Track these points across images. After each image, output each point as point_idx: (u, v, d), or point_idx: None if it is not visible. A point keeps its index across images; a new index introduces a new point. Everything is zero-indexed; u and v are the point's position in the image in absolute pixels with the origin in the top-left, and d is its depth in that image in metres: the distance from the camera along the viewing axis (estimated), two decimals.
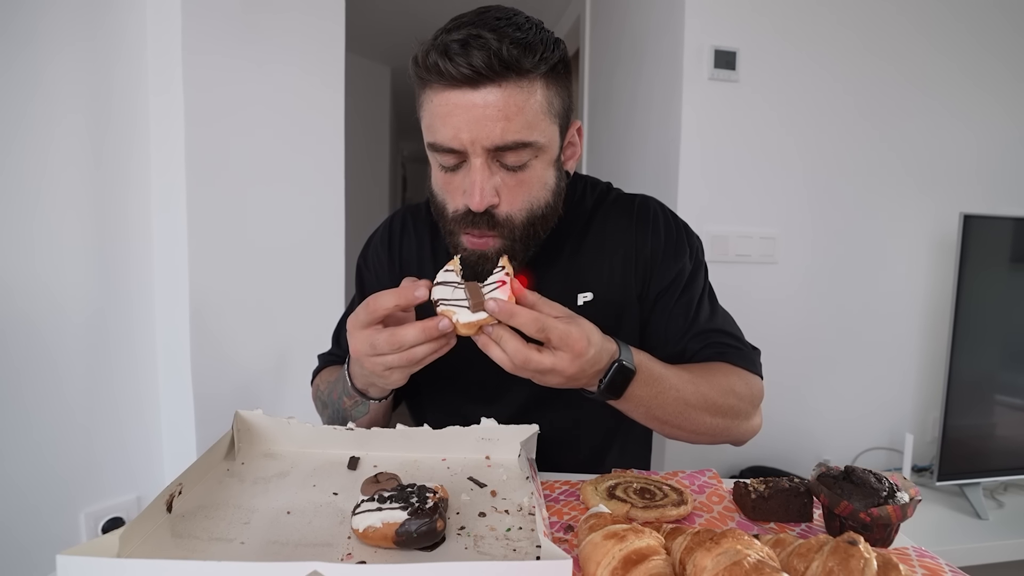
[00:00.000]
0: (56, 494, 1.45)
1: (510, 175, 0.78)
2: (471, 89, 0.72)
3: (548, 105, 0.77)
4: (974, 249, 1.68)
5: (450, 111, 0.74)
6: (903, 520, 0.63)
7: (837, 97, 1.88)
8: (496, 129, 0.73)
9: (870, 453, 1.97)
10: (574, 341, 0.68)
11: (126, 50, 1.50)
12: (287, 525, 0.63)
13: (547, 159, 0.80)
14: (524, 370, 0.69)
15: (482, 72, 0.71)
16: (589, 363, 0.70)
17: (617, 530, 0.55)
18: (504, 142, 0.74)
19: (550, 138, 0.79)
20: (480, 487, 0.73)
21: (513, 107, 0.73)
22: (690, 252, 0.97)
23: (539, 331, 0.67)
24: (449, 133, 0.75)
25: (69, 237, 1.43)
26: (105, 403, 1.52)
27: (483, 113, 0.73)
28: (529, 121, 0.75)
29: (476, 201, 0.76)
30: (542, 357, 0.68)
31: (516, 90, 0.73)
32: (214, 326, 1.58)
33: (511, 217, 0.79)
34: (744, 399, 0.88)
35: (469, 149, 0.75)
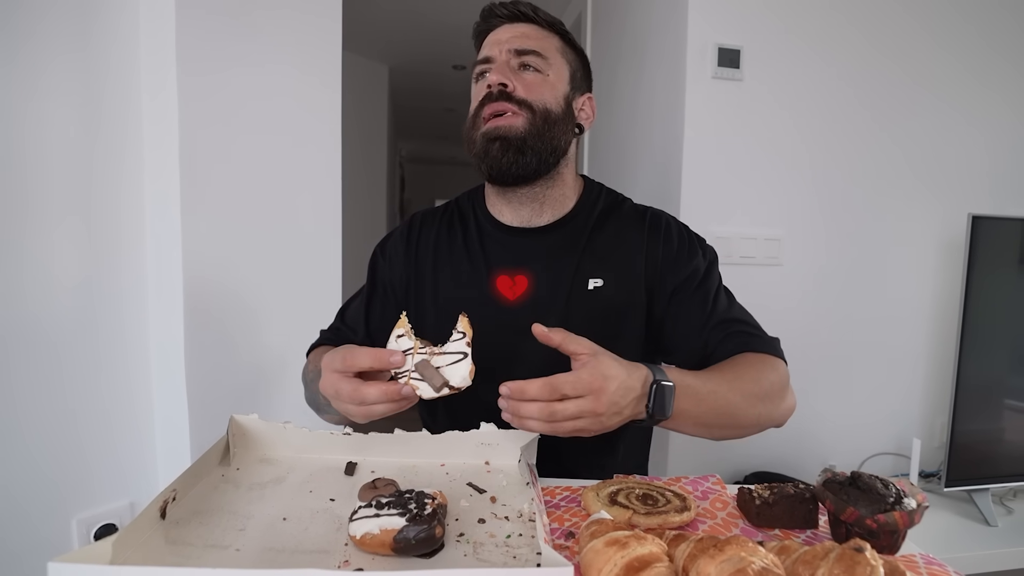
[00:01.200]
0: (47, 500, 1.45)
1: (525, 73, 1.01)
2: (510, 23, 1.03)
3: (562, 50, 1.04)
4: (982, 251, 1.67)
5: (494, 37, 1.04)
6: (910, 527, 0.63)
7: (843, 96, 1.88)
8: (519, 40, 1.01)
9: (876, 458, 1.97)
10: (588, 383, 0.71)
11: (119, 48, 1.50)
12: (283, 532, 0.63)
13: (557, 80, 1.02)
14: (558, 425, 0.71)
15: (521, 11, 1.03)
16: (619, 395, 0.72)
17: (619, 537, 0.55)
18: (524, 47, 1.01)
19: (559, 67, 1.03)
20: (479, 493, 0.73)
21: (534, 34, 1.02)
22: (703, 253, 1.06)
23: (553, 392, 0.70)
24: (489, 49, 1.03)
25: (63, 239, 1.43)
26: (98, 407, 1.52)
27: (515, 32, 1.02)
28: (543, 45, 1.02)
29: (493, 77, 0.99)
30: (565, 405, 0.70)
31: (538, 28, 1.03)
32: (209, 328, 1.58)
33: (527, 101, 0.98)
34: (775, 384, 0.94)
35: (498, 54, 1.01)
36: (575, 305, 1.00)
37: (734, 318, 1.01)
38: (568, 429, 0.72)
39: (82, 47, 1.44)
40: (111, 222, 1.51)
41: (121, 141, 1.52)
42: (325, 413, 0.96)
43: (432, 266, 1.08)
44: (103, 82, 1.48)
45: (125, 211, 1.54)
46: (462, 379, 0.73)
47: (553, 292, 1.01)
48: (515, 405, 0.70)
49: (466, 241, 1.07)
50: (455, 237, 1.09)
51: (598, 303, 1.00)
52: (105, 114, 1.49)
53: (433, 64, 4.37)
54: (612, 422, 0.74)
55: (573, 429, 0.72)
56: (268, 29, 1.62)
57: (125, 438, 1.57)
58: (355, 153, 3.66)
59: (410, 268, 1.10)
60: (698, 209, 1.81)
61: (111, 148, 1.50)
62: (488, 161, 0.99)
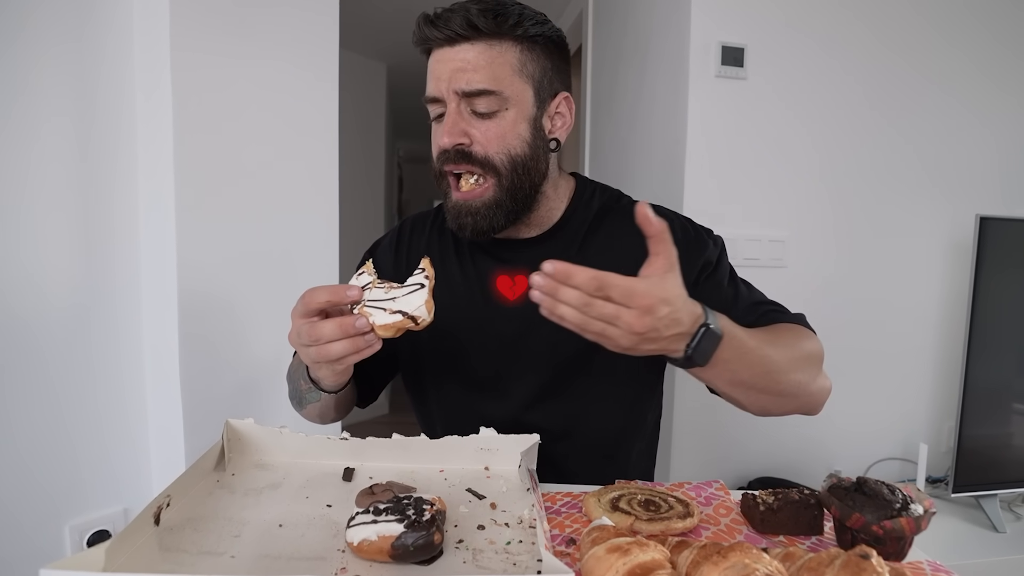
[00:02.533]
0: (39, 506, 1.45)
1: (481, 121, 0.90)
2: (450, 47, 0.89)
3: (520, 67, 0.91)
4: (991, 252, 1.68)
5: (434, 66, 0.91)
6: (917, 533, 0.63)
7: (849, 95, 1.89)
8: (464, 78, 0.88)
9: (883, 464, 1.97)
10: (640, 297, 0.65)
11: (112, 46, 1.50)
12: (279, 538, 0.63)
13: (519, 113, 0.91)
14: (589, 321, 0.66)
15: (458, 32, 0.87)
16: (664, 323, 0.67)
17: (621, 543, 0.55)
18: (471, 88, 0.88)
19: (520, 95, 0.91)
20: (479, 499, 0.73)
21: (483, 61, 0.88)
22: (713, 242, 1.02)
23: (599, 289, 0.65)
24: (432, 85, 0.91)
25: (54, 239, 1.43)
26: (91, 412, 1.52)
27: (457, 65, 0.88)
28: (496, 75, 0.88)
29: (444, 139, 0.89)
30: (604, 305, 0.65)
31: (486, 48, 0.88)
32: (204, 331, 1.58)
33: (490, 158, 0.90)
34: (814, 353, 0.89)
35: (445, 95, 0.89)
36: None
37: (759, 300, 0.99)
38: (596, 330, 0.67)
39: (75, 44, 1.44)
40: (104, 224, 1.51)
41: (115, 139, 1.52)
42: (305, 403, 0.94)
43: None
44: (97, 78, 1.48)
45: (118, 213, 1.54)
46: (416, 307, 0.71)
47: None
48: (553, 285, 0.65)
49: (457, 245, 1.04)
50: (447, 242, 1.06)
51: None
52: (98, 111, 1.49)
53: None
54: (644, 347, 0.69)
55: (600, 332, 0.67)
56: (264, 26, 1.63)
57: (118, 443, 1.57)
58: (353, 153, 3.66)
59: (400, 271, 1.08)
60: (701, 210, 1.81)
61: (104, 146, 1.50)
62: (465, 234, 0.94)
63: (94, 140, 1.48)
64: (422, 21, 0.90)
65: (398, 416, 4.64)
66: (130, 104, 1.54)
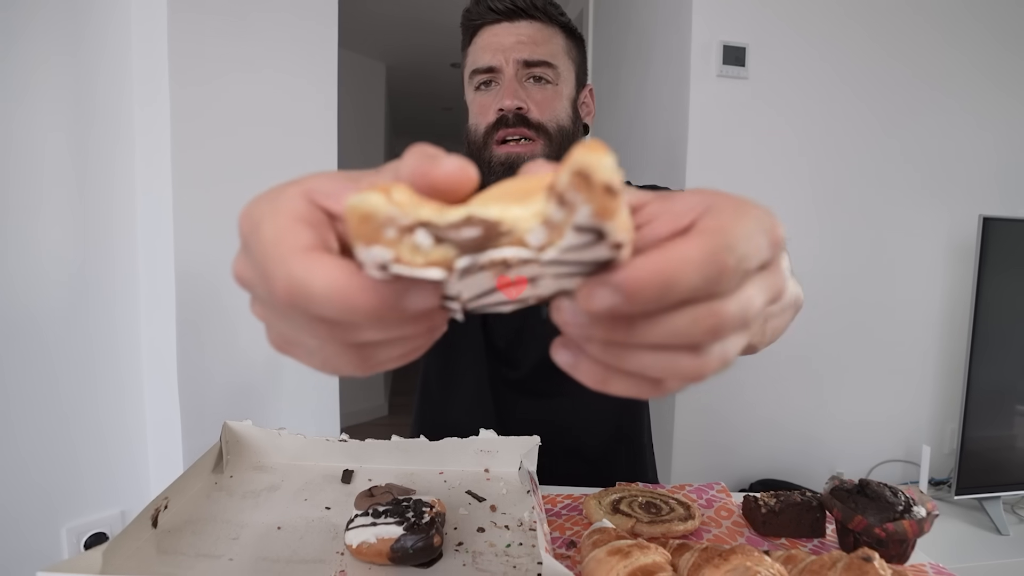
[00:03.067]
0: (36, 508, 1.44)
1: (537, 89, 0.96)
2: (509, 22, 0.96)
3: (567, 49, 0.99)
4: (994, 253, 1.68)
5: (491, 39, 0.96)
6: (920, 536, 0.63)
7: (851, 95, 1.89)
8: (526, 49, 0.95)
9: (885, 466, 1.97)
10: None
11: (110, 47, 1.50)
12: (277, 541, 0.63)
13: (566, 90, 0.99)
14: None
15: (519, 7, 0.94)
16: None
17: (622, 546, 0.55)
18: (533, 58, 0.95)
19: (567, 73, 0.99)
20: (479, 501, 0.73)
21: (541, 37, 0.96)
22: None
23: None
24: (488, 55, 0.96)
25: (51, 240, 1.43)
26: (88, 413, 1.51)
27: (517, 39, 0.95)
28: (552, 51, 0.97)
29: (507, 101, 0.93)
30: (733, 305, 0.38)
31: (543, 27, 0.96)
32: (202, 333, 1.58)
33: (543, 124, 0.96)
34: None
35: (503, 64, 0.95)
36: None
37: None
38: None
39: (73, 50, 1.44)
40: (101, 224, 1.51)
41: (112, 140, 1.52)
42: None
43: None
44: (94, 80, 1.48)
45: (116, 213, 1.54)
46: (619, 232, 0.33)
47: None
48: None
49: None
50: None
51: None
52: (95, 113, 1.49)
53: (431, 62, 4.38)
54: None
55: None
56: (262, 26, 1.62)
57: (116, 445, 1.57)
58: (352, 153, 3.66)
59: None
60: None
61: (101, 148, 1.50)
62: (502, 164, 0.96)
63: (92, 140, 1.48)
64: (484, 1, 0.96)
65: (397, 418, 4.65)
66: (128, 103, 1.54)
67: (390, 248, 0.25)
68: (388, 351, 0.31)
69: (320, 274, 0.26)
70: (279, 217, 0.29)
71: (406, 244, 0.26)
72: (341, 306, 0.26)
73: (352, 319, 0.27)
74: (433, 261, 0.26)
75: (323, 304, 0.26)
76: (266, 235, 0.28)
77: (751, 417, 1.89)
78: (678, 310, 0.28)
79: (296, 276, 0.26)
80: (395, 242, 0.25)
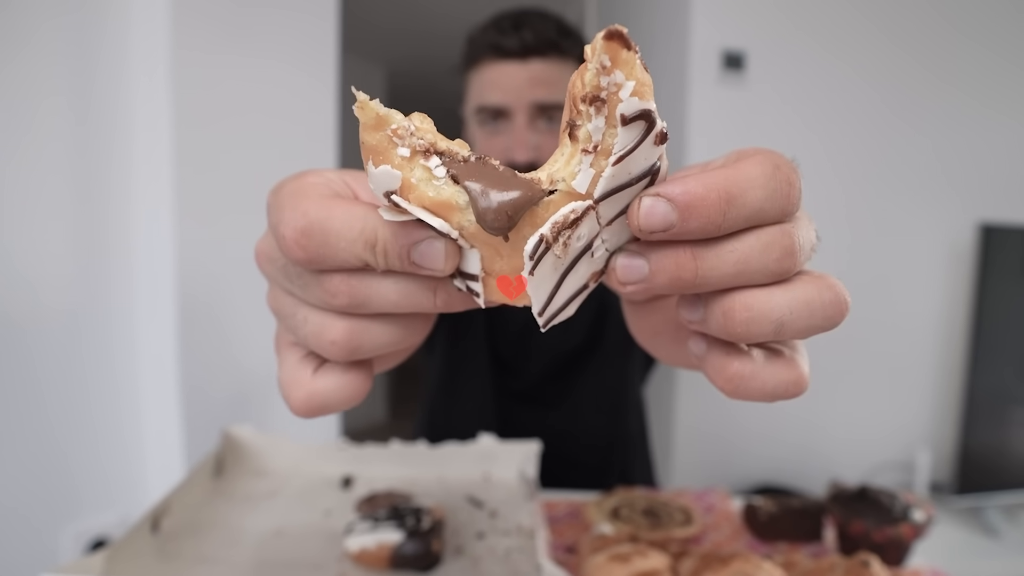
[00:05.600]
0: (36, 512, 1.44)
1: (549, 131, 0.89)
2: (519, 62, 0.88)
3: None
4: (992, 257, 1.68)
5: (500, 77, 0.89)
6: (918, 539, 0.63)
7: (852, 102, 1.89)
8: (541, 91, 0.87)
9: (884, 470, 1.97)
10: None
11: (108, 47, 1.50)
12: (277, 546, 0.63)
13: None
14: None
15: (531, 46, 0.87)
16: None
17: (622, 551, 0.55)
18: (548, 101, 0.87)
19: None
20: (478, 507, 0.73)
21: (555, 77, 0.88)
22: None
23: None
24: (498, 95, 0.89)
25: (48, 242, 1.43)
26: (88, 417, 1.51)
27: (529, 80, 0.88)
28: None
29: (520, 154, 0.87)
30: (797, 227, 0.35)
31: (558, 64, 0.89)
32: (204, 333, 1.58)
33: None
34: None
35: (515, 106, 0.88)
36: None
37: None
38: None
39: (74, 53, 1.44)
40: (100, 226, 1.51)
41: (111, 139, 1.52)
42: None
43: None
44: (94, 79, 1.48)
45: (115, 216, 1.53)
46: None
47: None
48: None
49: None
50: None
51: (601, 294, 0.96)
52: (95, 112, 1.49)
53: (433, 67, 4.38)
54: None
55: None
56: (263, 30, 1.63)
57: (116, 449, 1.57)
58: (353, 158, 3.66)
59: None
60: None
61: (100, 147, 1.50)
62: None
63: (90, 140, 1.48)
64: (490, 32, 0.89)
65: (397, 424, 4.64)
66: (128, 109, 1.54)
67: (399, 171, 0.24)
68: (382, 329, 0.30)
69: (339, 210, 0.26)
70: (303, 179, 0.30)
71: (418, 171, 0.24)
72: (354, 234, 0.26)
73: (363, 254, 0.26)
74: (443, 202, 0.24)
75: (340, 233, 0.26)
76: (287, 189, 0.29)
77: (750, 423, 1.89)
78: (746, 233, 0.26)
79: (312, 213, 0.26)
80: (406, 165, 0.24)
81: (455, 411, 1.06)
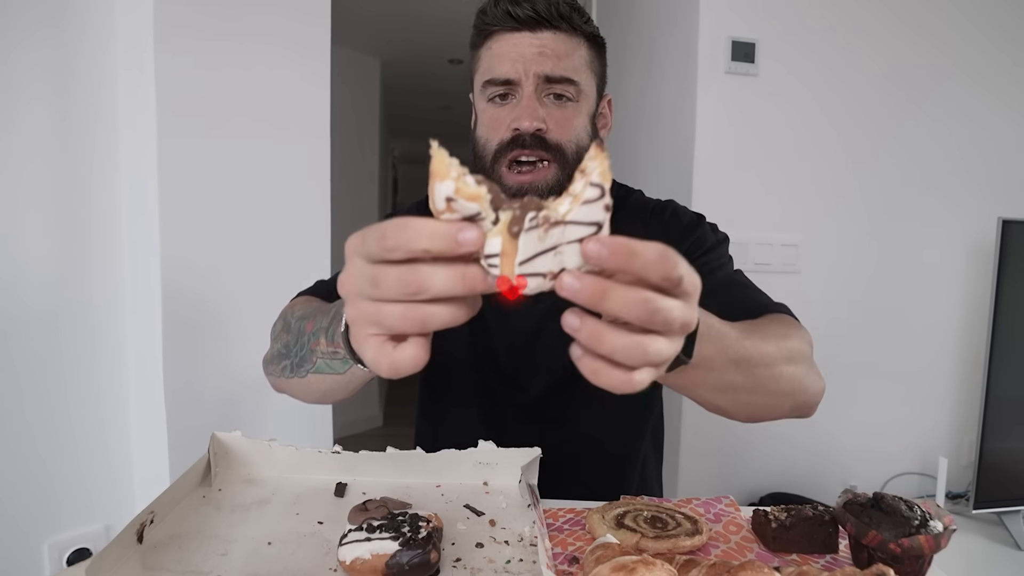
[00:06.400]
0: (16, 523, 1.44)
1: (557, 108, 0.92)
2: (530, 32, 0.91)
3: (590, 61, 0.96)
4: (1013, 256, 1.67)
5: (510, 49, 0.92)
6: (937, 551, 0.63)
7: (864, 92, 1.89)
8: (548, 63, 0.90)
9: (901, 479, 1.97)
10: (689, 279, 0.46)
11: (91, 37, 1.50)
12: (268, 557, 0.63)
13: (586, 107, 0.96)
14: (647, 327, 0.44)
15: (542, 16, 0.90)
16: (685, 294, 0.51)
17: (626, 562, 0.54)
18: (555, 73, 0.91)
19: (588, 88, 0.96)
20: (477, 515, 0.73)
21: (564, 50, 0.92)
22: (712, 230, 1.04)
23: (667, 279, 0.43)
24: (507, 66, 0.91)
25: (32, 243, 1.44)
26: (70, 424, 1.51)
27: (539, 50, 0.90)
28: (575, 65, 0.93)
29: (527, 122, 0.89)
30: (672, 303, 0.43)
31: (566, 38, 0.92)
32: (189, 338, 1.58)
33: (562, 146, 0.92)
34: (805, 343, 0.86)
35: (523, 78, 0.91)
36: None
37: (744, 283, 0.96)
38: (641, 354, 0.44)
39: (54, 44, 1.44)
40: (84, 226, 1.51)
41: (94, 135, 1.52)
42: (314, 371, 0.74)
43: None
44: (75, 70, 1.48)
45: (99, 215, 1.54)
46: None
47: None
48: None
49: None
50: None
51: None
52: (77, 106, 1.49)
53: (428, 58, 4.38)
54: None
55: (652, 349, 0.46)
56: (252, 20, 1.63)
57: (99, 457, 1.57)
58: (345, 153, 3.67)
59: None
60: (710, 213, 1.78)
61: (83, 143, 1.50)
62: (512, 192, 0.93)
63: (73, 135, 1.48)
64: (501, 2, 0.91)
65: (393, 428, 4.64)
66: (112, 103, 1.54)
67: (453, 182, 0.41)
68: (440, 309, 0.43)
69: (417, 220, 0.41)
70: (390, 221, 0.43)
71: (461, 181, 0.41)
72: (431, 233, 0.40)
73: (436, 244, 0.40)
74: (474, 193, 0.41)
75: (420, 233, 0.40)
76: (378, 225, 0.43)
77: (760, 428, 1.89)
78: (632, 288, 0.40)
79: (400, 221, 0.41)
80: (456, 179, 0.41)
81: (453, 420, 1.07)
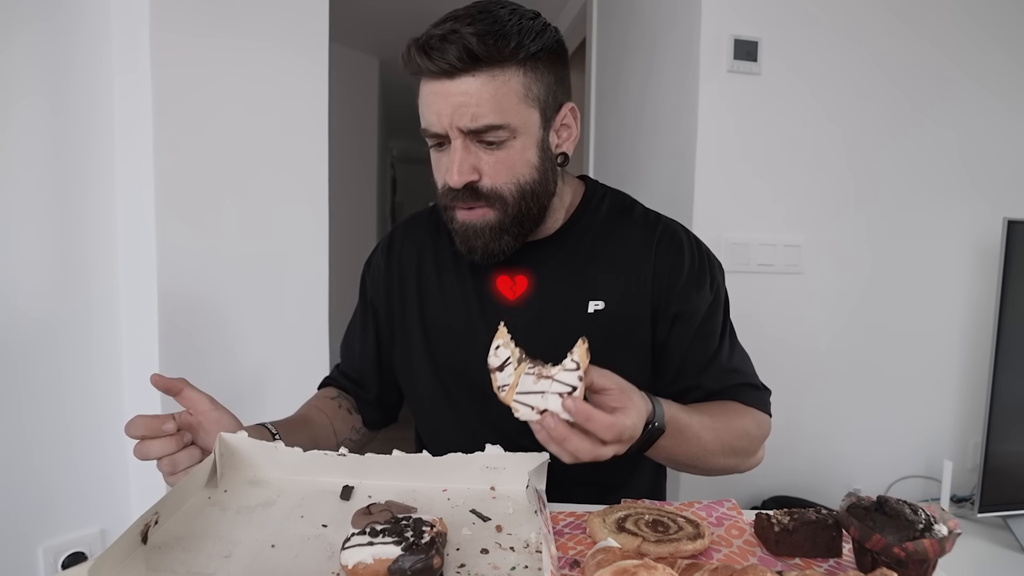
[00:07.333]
0: (10, 527, 1.44)
1: (489, 153, 0.90)
2: (448, 80, 0.86)
3: (525, 91, 0.90)
4: (1019, 258, 1.68)
5: (432, 99, 0.89)
6: (941, 555, 0.64)
7: (868, 91, 1.89)
8: (468, 114, 0.87)
9: (905, 482, 1.98)
10: (618, 431, 0.70)
11: (86, 35, 1.50)
12: (271, 559, 0.64)
13: (527, 140, 0.92)
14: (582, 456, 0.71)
15: (456, 66, 0.85)
16: (627, 437, 0.72)
17: (627, 566, 0.55)
18: (477, 126, 0.87)
19: (527, 121, 0.91)
20: (483, 521, 0.73)
21: (486, 94, 0.86)
22: (711, 283, 1.04)
23: (617, 437, 0.70)
24: (432, 119, 0.90)
25: (25, 241, 1.43)
26: (65, 426, 1.51)
27: (459, 100, 0.86)
28: (502, 107, 0.88)
29: (454, 178, 0.89)
30: (607, 449, 0.71)
31: (489, 79, 0.86)
32: (186, 340, 1.58)
33: (497, 190, 0.92)
34: (755, 439, 1.00)
35: (448, 132, 0.89)
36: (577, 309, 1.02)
37: (734, 368, 1.03)
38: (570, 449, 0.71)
39: (49, 40, 1.44)
40: (80, 228, 1.51)
41: (90, 143, 1.52)
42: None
43: (416, 278, 1.09)
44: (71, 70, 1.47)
45: (95, 216, 1.53)
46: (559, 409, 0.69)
47: (555, 293, 1.02)
48: (561, 430, 0.68)
49: (455, 244, 1.02)
50: (443, 242, 1.08)
51: (600, 326, 0.99)
52: (73, 106, 1.49)
53: None
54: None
55: (573, 453, 0.71)
56: (249, 18, 1.62)
57: (95, 460, 1.57)
58: (344, 153, 3.66)
59: (390, 288, 1.12)
60: (712, 214, 1.82)
61: (78, 145, 1.50)
62: (476, 257, 0.96)
63: (68, 139, 1.48)
64: (414, 50, 0.87)
65: (399, 432, 4.62)
66: (107, 103, 1.54)
67: (508, 349, 0.72)
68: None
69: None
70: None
71: (506, 340, 0.73)
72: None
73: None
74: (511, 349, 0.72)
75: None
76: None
77: None
78: (587, 436, 0.69)
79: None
80: (506, 342, 0.73)
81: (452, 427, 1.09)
